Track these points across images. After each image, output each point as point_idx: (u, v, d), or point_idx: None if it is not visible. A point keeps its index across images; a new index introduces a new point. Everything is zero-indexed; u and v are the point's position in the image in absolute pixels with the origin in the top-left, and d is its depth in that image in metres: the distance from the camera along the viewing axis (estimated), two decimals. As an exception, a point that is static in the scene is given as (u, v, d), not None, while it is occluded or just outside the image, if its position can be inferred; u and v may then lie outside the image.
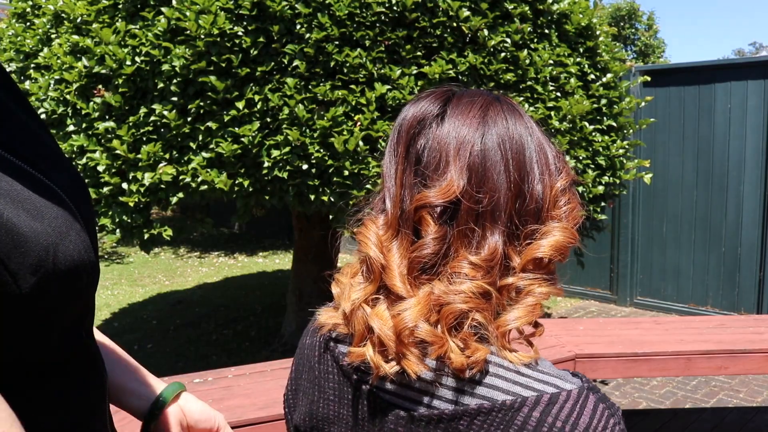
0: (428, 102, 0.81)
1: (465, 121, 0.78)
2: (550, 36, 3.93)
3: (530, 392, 0.71)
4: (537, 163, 0.80)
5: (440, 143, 0.77)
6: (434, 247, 0.75)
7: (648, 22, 21.13)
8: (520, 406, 0.70)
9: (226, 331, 5.99)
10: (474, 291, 0.72)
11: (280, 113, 3.21)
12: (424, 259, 0.75)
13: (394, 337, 0.72)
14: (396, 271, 0.75)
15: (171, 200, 3.28)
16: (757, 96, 5.83)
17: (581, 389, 0.71)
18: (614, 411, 0.72)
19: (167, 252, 10.57)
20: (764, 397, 4.39)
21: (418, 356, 0.73)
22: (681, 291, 6.47)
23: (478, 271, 0.74)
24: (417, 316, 0.72)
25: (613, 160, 4.19)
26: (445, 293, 0.73)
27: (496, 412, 0.70)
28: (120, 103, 3.25)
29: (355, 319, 0.78)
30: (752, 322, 3.85)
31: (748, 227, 5.97)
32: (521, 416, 0.69)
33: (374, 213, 0.82)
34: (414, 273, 0.75)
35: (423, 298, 0.73)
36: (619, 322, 4.19)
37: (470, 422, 0.71)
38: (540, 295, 0.76)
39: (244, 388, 2.56)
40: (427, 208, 0.75)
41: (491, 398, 0.71)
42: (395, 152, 0.80)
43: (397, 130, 0.82)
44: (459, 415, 0.72)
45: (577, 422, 0.69)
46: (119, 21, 3.35)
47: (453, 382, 0.73)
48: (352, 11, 3.27)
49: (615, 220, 6.66)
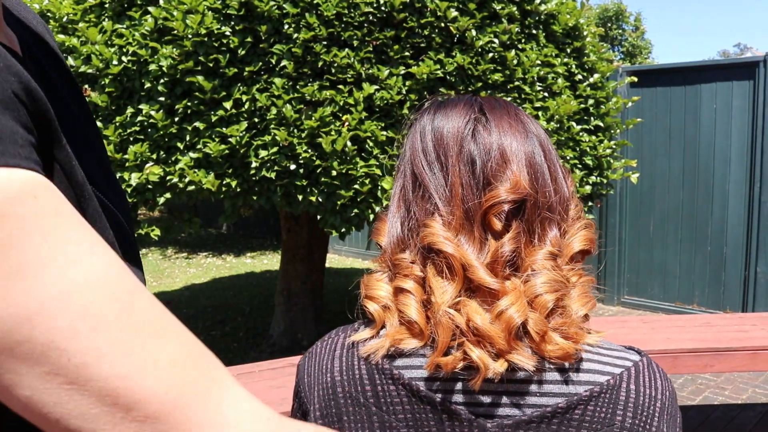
0: (462, 109, 0.84)
1: (510, 123, 0.82)
2: (537, 36, 3.94)
3: (619, 369, 0.77)
4: (559, 164, 0.86)
5: (493, 145, 0.80)
6: (515, 242, 0.76)
7: (635, 23, 21.25)
8: (619, 382, 0.76)
9: (214, 332, 5.97)
10: (557, 280, 0.76)
11: (267, 113, 3.20)
12: (508, 255, 0.76)
13: (504, 333, 0.72)
14: (481, 269, 0.75)
15: (158, 200, 3.27)
16: (742, 97, 5.87)
17: (646, 359, 0.80)
18: (662, 369, 0.81)
19: (155, 253, 10.52)
20: (749, 395, 4.43)
21: (526, 350, 0.73)
22: (667, 290, 6.51)
23: (553, 262, 0.77)
24: (523, 309, 0.73)
25: (600, 159, 4.21)
26: (533, 286, 0.74)
27: (604, 394, 0.75)
28: (106, 103, 3.24)
29: (439, 325, 0.74)
30: (737, 321, 3.88)
31: (734, 227, 6.02)
32: (623, 392, 0.75)
33: (420, 216, 0.81)
34: (498, 269, 0.76)
35: (516, 292, 0.74)
36: (606, 321, 4.21)
37: (585, 409, 0.74)
38: (586, 284, 0.81)
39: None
40: (499, 205, 0.76)
41: (596, 381, 0.75)
42: (441, 155, 0.81)
43: (436, 134, 0.83)
44: (574, 405, 0.74)
45: (657, 385, 0.77)
46: (105, 20, 3.34)
47: (556, 373, 0.75)
48: (340, 11, 3.27)
49: (602, 219, 6.69)
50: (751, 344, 3.33)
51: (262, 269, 9.15)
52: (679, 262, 6.40)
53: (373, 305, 0.81)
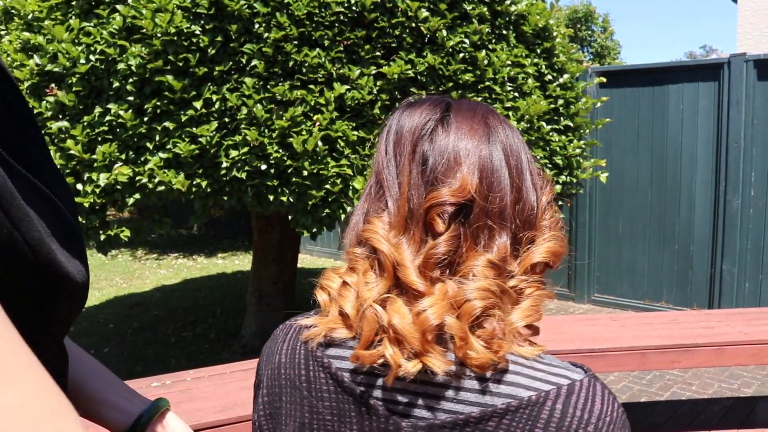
0: (428, 108, 0.84)
1: (471, 126, 0.81)
2: (507, 37, 3.97)
3: (549, 386, 0.73)
4: (530, 173, 0.84)
5: (448, 146, 0.79)
6: (449, 245, 0.76)
7: (603, 24, 21.52)
8: (544, 400, 0.72)
9: (185, 333, 5.92)
10: (492, 289, 0.74)
11: (238, 113, 3.18)
12: (440, 257, 0.75)
13: (419, 334, 0.72)
14: (412, 269, 0.75)
15: (127, 201, 3.23)
16: (708, 97, 5.98)
17: (589, 378, 0.75)
18: (613, 394, 0.76)
19: (124, 254, 10.40)
20: (715, 389, 4.51)
21: (441, 354, 0.72)
22: (636, 288, 6.61)
23: (493, 270, 0.75)
24: (441, 312, 0.72)
25: (569, 159, 4.26)
26: (462, 291, 0.73)
27: (522, 409, 0.72)
28: (74, 102, 3.19)
29: (364, 319, 0.76)
30: (704, 317, 3.95)
31: (700, 225, 6.13)
32: (546, 410, 0.71)
33: (370, 214, 0.83)
34: (428, 270, 0.75)
35: (441, 295, 0.73)
36: (576, 320, 4.26)
37: (499, 422, 0.72)
38: (539, 297, 0.79)
39: (203, 391, 2.53)
40: (440, 206, 0.76)
41: (516, 395, 0.72)
42: (399, 154, 0.82)
43: (395, 134, 0.83)
44: (488, 416, 0.72)
45: (593, 409, 0.72)
46: (72, 18, 3.29)
47: (475, 382, 0.74)
48: (311, 11, 3.26)
49: (572, 218, 6.76)
50: (717, 340, 3.39)
51: (233, 270, 9.09)
52: (648, 260, 6.49)
53: (322, 295, 0.83)
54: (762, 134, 5.76)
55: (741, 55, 5.85)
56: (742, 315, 3.98)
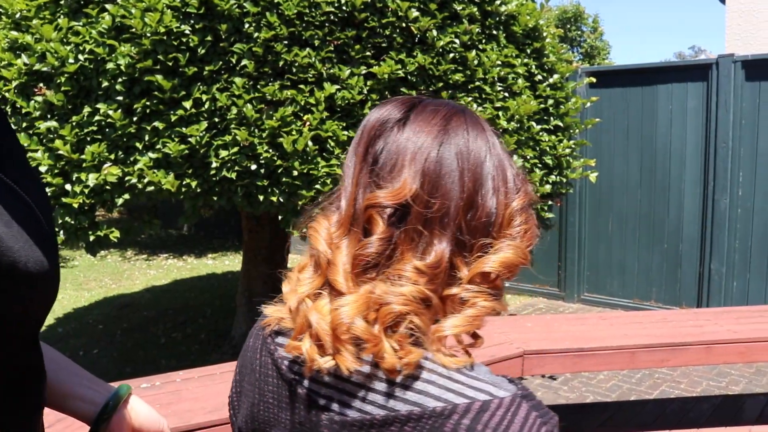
0: (393, 106, 0.83)
1: (425, 128, 0.79)
2: (497, 37, 3.98)
3: (462, 399, 0.70)
4: (493, 178, 0.81)
5: (398, 147, 0.79)
6: (378, 246, 0.75)
7: (593, 25, 21.59)
8: (450, 413, 0.68)
9: (174, 334, 5.90)
10: (414, 295, 0.73)
11: (228, 113, 3.17)
12: (368, 258, 0.75)
13: (330, 331, 0.73)
14: (340, 267, 0.76)
15: (116, 201, 3.22)
16: (697, 97, 6.02)
17: (514, 397, 0.70)
18: (548, 419, 0.70)
19: (114, 255, 10.35)
20: (703, 387, 4.54)
21: (353, 353, 0.72)
22: (626, 287, 6.64)
23: (421, 276, 0.74)
24: (354, 312, 0.72)
25: (559, 159, 4.27)
26: (385, 293, 0.73)
27: (426, 419, 0.69)
28: (63, 102, 3.17)
29: (298, 313, 0.78)
30: (692, 316, 3.98)
31: (689, 224, 6.16)
32: (451, 424, 0.68)
33: (330, 210, 0.84)
34: (357, 270, 0.76)
35: (362, 296, 0.73)
36: (566, 319, 4.27)
37: (401, 428, 0.70)
38: (482, 309, 0.76)
39: (193, 392, 2.52)
40: (377, 208, 0.76)
41: (422, 404, 0.70)
42: (355, 152, 0.82)
43: (360, 131, 0.84)
44: (390, 420, 0.71)
45: (507, 429, 0.67)
46: (61, 17, 3.27)
47: (385, 385, 0.72)
48: (301, 11, 3.26)
49: (562, 218, 6.79)
50: (705, 339, 3.41)
51: (223, 270, 9.07)
52: (637, 259, 6.53)
53: (285, 285, 0.86)
54: (750, 135, 5.81)
55: (729, 56, 5.89)
56: (731, 313, 4.01)
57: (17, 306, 0.69)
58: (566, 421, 1.12)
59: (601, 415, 4.01)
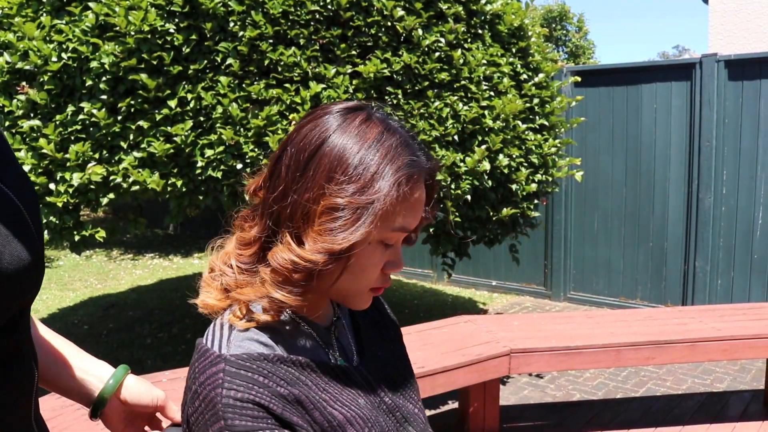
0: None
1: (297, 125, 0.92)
2: (483, 36, 3.99)
3: (203, 340, 0.89)
4: (319, 172, 0.84)
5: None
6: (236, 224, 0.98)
7: (578, 24, 21.69)
8: (196, 345, 0.90)
9: (161, 334, 5.87)
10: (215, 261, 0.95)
11: (213, 112, 3.16)
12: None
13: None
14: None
15: (101, 201, 3.20)
16: (681, 97, 6.05)
17: (218, 356, 0.84)
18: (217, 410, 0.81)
19: (99, 254, 10.27)
20: (689, 385, 4.57)
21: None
22: (612, 285, 6.67)
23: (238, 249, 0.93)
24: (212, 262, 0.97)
25: (545, 158, 4.28)
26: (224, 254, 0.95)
27: (197, 348, 0.89)
28: (46, 100, 3.15)
29: None
30: (677, 314, 4.01)
31: (674, 223, 6.20)
32: (194, 353, 0.89)
33: None
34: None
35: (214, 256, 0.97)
36: (552, 317, 4.29)
37: (194, 352, 0.89)
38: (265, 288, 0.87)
39: (180, 392, 2.50)
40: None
41: (203, 337, 0.90)
42: None
43: None
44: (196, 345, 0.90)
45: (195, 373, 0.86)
46: (44, 15, 3.24)
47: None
48: (286, 9, 3.25)
49: (548, 217, 6.81)
50: (690, 336, 3.44)
51: (210, 270, 9.00)
52: (623, 257, 6.56)
53: None
54: (733, 133, 5.85)
55: (712, 56, 5.93)
56: (715, 311, 4.05)
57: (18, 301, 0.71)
58: (553, 419, 1.13)
59: (588, 413, 4.03)
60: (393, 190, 0.84)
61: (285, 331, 0.91)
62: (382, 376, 1.02)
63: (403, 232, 0.89)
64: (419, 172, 0.88)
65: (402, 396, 1.04)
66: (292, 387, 0.84)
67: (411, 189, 0.86)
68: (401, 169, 0.85)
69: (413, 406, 1.05)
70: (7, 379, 0.76)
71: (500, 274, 7.34)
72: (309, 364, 0.88)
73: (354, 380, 0.94)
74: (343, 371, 0.93)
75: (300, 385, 0.85)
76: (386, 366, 1.05)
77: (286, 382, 0.84)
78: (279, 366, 0.84)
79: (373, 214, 0.83)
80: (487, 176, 3.76)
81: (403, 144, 0.87)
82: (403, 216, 0.87)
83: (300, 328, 0.93)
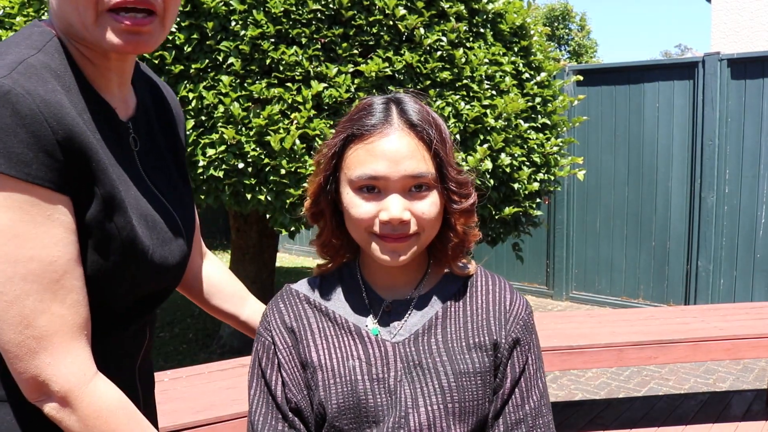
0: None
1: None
2: (485, 35, 3.97)
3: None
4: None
5: None
6: None
7: (580, 23, 21.68)
8: None
9: (162, 333, 5.87)
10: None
11: (215, 111, 3.16)
12: None
13: None
14: None
15: (102, 201, 3.19)
16: (683, 96, 6.04)
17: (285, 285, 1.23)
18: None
19: (100, 254, 10.28)
20: (691, 384, 4.56)
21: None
22: (614, 284, 6.66)
23: None
24: None
25: (547, 157, 4.27)
26: None
27: None
28: (47, 100, 3.14)
29: None
30: (680, 313, 4.00)
31: (676, 222, 6.19)
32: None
33: None
34: None
35: None
36: (554, 316, 4.28)
37: None
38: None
39: (181, 392, 2.51)
40: None
41: None
42: None
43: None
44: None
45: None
46: (45, 15, 3.24)
47: None
48: (288, 8, 3.24)
49: (550, 216, 6.80)
50: (693, 336, 3.43)
51: (211, 269, 9.00)
52: (625, 256, 6.55)
53: None
54: (735, 132, 5.84)
55: (715, 54, 5.92)
56: (717, 311, 4.03)
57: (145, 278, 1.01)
58: (555, 418, 1.12)
59: (590, 413, 4.02)
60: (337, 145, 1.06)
61: (339, 287, 1.15)
62: (408, 364, 1.07)
63: (368, 180, 1.02)
64: (361, 129, 1.04)
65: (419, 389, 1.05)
66: (296, 322, 1.11)
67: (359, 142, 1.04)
68: (345, 130, 1.06)
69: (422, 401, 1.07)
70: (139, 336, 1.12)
71: (502, 273, 7.33)
72: (328, 312, 1.11)
73: (366, 345, 1.08)
74: (357, 331, 1.09)
75: (303, 322, 1.11)
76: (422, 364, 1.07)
77: (294, 316, 1.12)
78: (301, 303, 1.14)
79: (325, 161, 1.08)
80: (489, 175, 3.75)
81: (354, 115, 1.08)
82: (360, 164, 1.03)
83: (356, 290, 1.14)
